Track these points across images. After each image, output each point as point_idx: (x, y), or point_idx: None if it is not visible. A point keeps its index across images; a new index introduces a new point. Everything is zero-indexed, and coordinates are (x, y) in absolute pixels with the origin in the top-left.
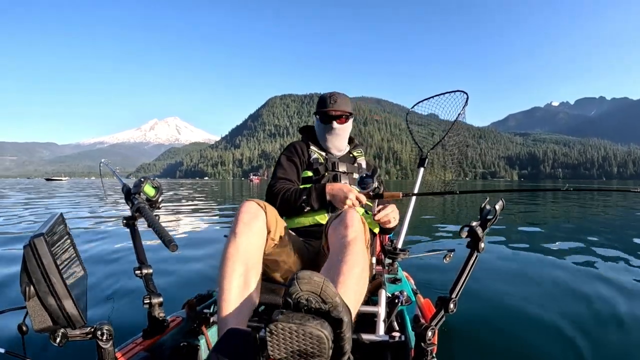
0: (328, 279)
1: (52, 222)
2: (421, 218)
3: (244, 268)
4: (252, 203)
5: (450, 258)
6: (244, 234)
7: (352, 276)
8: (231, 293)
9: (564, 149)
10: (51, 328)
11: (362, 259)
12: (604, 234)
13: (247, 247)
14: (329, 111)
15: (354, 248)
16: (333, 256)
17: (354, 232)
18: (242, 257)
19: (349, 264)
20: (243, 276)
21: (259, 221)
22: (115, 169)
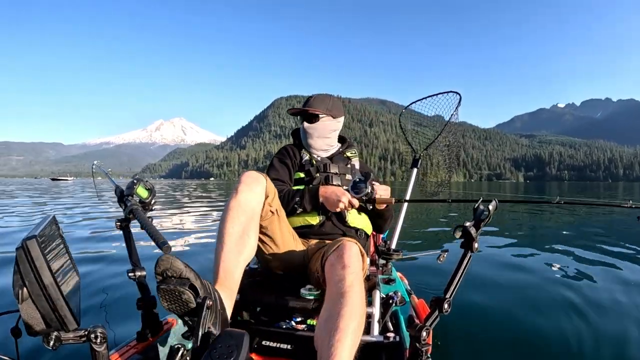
0: (324, 330)
1: (44, 224)
2: (415, 218)
3: (245, 218)
4: (252, 171)
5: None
6: (244, 191)
7: (348, 330)
8: (232, 237)
9: (570, 150)
10: (44, 331)
11: (359, 308)
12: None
13: (247, 202)
14: (301, 111)
15: (351, 296)
16: (330, 304)
17: (352, 273)
18: (242, 209)
19: (345, 318)
20: (243, 225)
21: (260, 184)
22: (107, 170)
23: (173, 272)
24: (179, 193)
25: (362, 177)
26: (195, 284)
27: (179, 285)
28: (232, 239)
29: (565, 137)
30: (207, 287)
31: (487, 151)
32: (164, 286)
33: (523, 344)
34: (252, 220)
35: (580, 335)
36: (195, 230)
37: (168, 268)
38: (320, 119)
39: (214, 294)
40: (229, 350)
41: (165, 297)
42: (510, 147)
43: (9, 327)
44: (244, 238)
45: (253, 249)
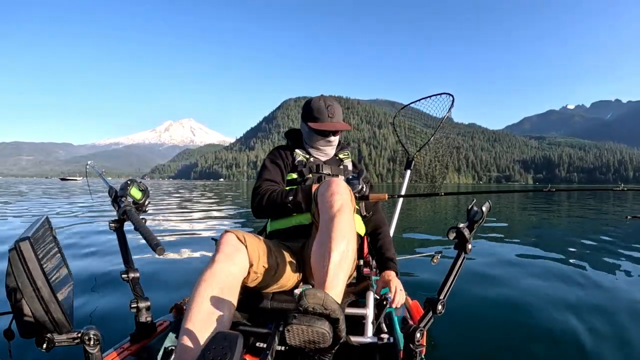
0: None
1: (37, 225)
2: (409, 220)
3: (218, 291)
4: (232, 235)
5: (438, 259)
6: (222, 262)
7: (338, 252)
8: (198, 315)
9: (579, 152)
10: (38, 333)
11: (348, 230)
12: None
13: (224, 274)
14: (329, 126)
15: (340, 220)
16: (321, 230)
17: (340, 199)
18: (217, 281)
19: (335, 241)
20: (215, 299)
21: (241, 254)
22: (101, 170)
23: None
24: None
25: (355, 174)
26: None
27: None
28: (199, 317)
29: (574, 139)
30: None
31: (496, 153)
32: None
33: (518, 345)
34: (228, 294)
35: (578, 336)
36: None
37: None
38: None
39: None
40: (222, 352)
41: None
42: (520, 149)
43: (2, 329)
44: (212, 316)
45: (225, 323)
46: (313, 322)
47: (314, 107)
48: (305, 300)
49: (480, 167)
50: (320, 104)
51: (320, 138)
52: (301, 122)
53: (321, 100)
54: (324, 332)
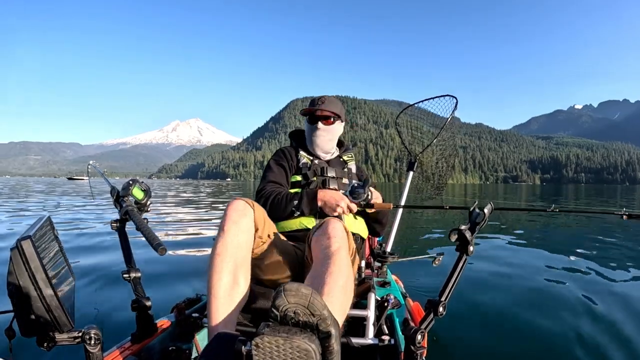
0: None
1: (39, 224)
2: (410, 221)
3: (233, 265)
4: (240, 201)
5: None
6: (232, 231)
7: (336, 287)
8: (220, 290)
9: (587, 152)
10: (39, 332)
11: (346, 269)
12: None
13: (235, 244)
14: (315, 111)
15: (338, 258)
16: (317, 267)
17: (337, 242)
18: (230, 254)
19: (333, 275)
20: (232, 273)
21: (247, 219)
22: (103, 170)
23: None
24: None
25: (360, 183)
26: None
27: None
28: (221, 292)
29: (582, 139)
30: None
31: (503, 153)
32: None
33: (520, 347)
34: (243, 263)
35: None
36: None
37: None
38: (335, 121)
39: None
40: (222, 353)
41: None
42: (527, 149)
43: (3, 327)
44: (234, 288)
45: (245, 293)
46: (292, 334)
47: (310, 101)
48: (283, 299)
49: (487, 167)
50: (319, 97)
51: (311, 125)
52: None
53: (322, 96)
54: (308, 349)
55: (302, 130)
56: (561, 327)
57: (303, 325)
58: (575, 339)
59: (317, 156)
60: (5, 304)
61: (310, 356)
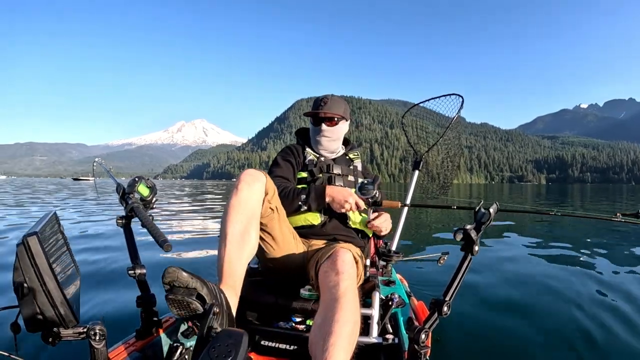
0: (318, 335)
1: (45, 220)
2: (415, 220)
3: (246, 217)
4: (251, 169)
5: (444, 261)
6: (245, 189)
7: (342, 337)
8: (234, 235)
9: (592, 152)
10: (44, 327)
11: (353, 313)
12: None
13: (248, 200)
14: (319, 113)
15: (346, 301)
16: (324, 310)
17: (346, 279)
18: (243, 208)
19: (340, 323)
20: (244, 223)
21: (260, 183)
22: (109, 168)
23: (180, 284)
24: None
25: (370, 180)
26: (202, 293)
27: (186, 295)
28: (234, 239)
29: (588, 139)
30: (213, 291)
31: (508, 152)
32: (172, 296)
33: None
34: (253, 218)
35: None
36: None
37: (175, 279)
38: (339, 122)
39: (220, 297)
40: (227, 350)
41: (175, 306)
42: (532, 149)
43: (9, 322)
44: (245, 237)
45: (254, 246)
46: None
47: (314, 102)
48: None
49: (492, 167)
50: (322, 97)
51: (315, 127)
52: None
53: (327, 96)
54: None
55: (308, 128)
56: (566, 327)
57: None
58: (581, 340)
59: (320, 154)
60: (11, 299)
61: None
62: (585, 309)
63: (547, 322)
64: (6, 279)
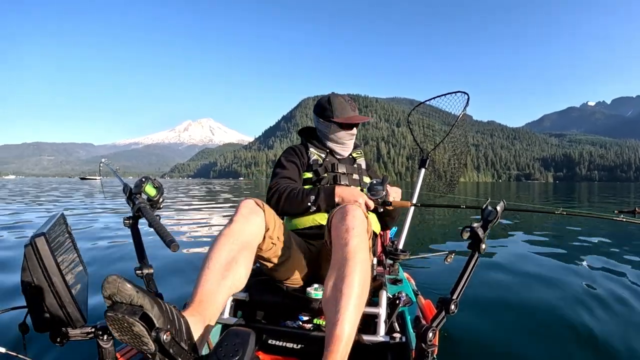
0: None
1: (53, 221)
2: (422, 219)
3: (236, 246)
4: (251, 200)
5: (451, 259)
6: (240, 222)
7: (353, 296)
8: (216, 263)
9: (600, 150)
10: (52, 327)
11: (363, 273)
12: None
13: (241, 231)
14: (355, 119)
15: (356, 262)
16: (335, 270)
17: (356, 236)
18: (235, 238)
19: (350, 284)
20: (232, 252)
21: (258, 216)
22: (115, 168)
23: (122, 298)
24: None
25: (379, 180)
26: (150, 313)
27: (128, 314)
28: (216, 266)
29: (595, 137)
30: (168, 313)
31: (515, 151)
32: (111, 313)
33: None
34: (245, 249)
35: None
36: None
37: (115, 293)
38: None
39: (179, 322)
40: (234, 349)
41: (114, 326)
42: (540, 147)
43: (17, 323)
44: (231, 265)
45: (241, 279)
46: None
47: (334, 104)
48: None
49: (499, 165)
50: (340, 99)
51: (346, 132)
52: (319, 120)
53: (339, 97)
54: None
55: (311, 127)
56: (575, 325)
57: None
58: (590, 339)
59: (336, 153)
60: (20, 299)
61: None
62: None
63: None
64: (14, 280)
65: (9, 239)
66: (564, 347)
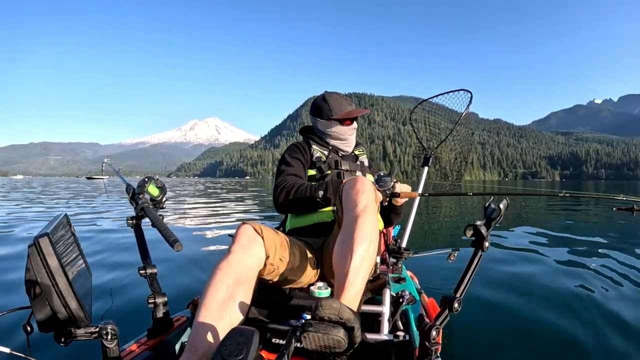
0: (339, 253)
1: (56, 222)
2: (426, 218)
3: (233, 281)
4: (249, 227)
5: (455, 257)
6: (238, 253)
7: (360, 253)
8: (213, 302)
9: (607, 148)
10: (56, 328)
11: (371, 231)
12: None
13: (240, 264)
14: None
15: (364, 220)
16: (344, 229)
17: (364, 198)
18: (233, 271)
19: (358, 242)
20: (230, 288)
21: (257, 245)
22: (118, 168)
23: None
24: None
25: (386, 172)
26: None
27: None
28: (214, 304)
29: (602, 134)
30: None
31: (522, 149)
32: None
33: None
34: (243, 284)
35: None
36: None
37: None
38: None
39: None
40: (238, 347)
41: None
42: (546, 145)
43: (22, 323)
44: (228, 304)
45: (239, 316)
46: (329, 330)
47: (331, 101)
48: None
49: (506, 164)
50: (335, 96)
51: (347, 127)
52: (317, 121)
53: (333, 94)
54: (340, 339)
55: (312, 126)
56: (577, 325)
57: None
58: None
59: (338, 150)
60: (24, 300)
61: (340, 342)
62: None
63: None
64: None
65: None
66: (569, 346)
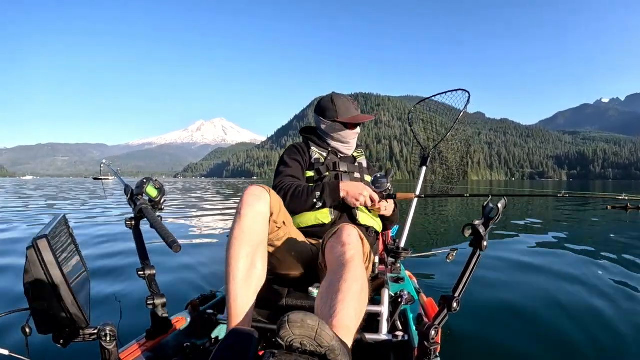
0: (325, 295)
1: (55, 223)
2: (424, 218)
3: (250, 248)
4: (256, 186)
5: (453, 257)
6: (248, 215)
7: (350, 293)
8: (239, 273)
9: (614, 147)
10: (55, 329)
11: (361, 275)
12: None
13: (252, 228)
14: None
15: (352, 265)
16: (331, 274)
17: (352, 249)
18: (248, 238)
19: (348, 282)
20: (250, 256)
21: (263, 202)
22: (116, 169)
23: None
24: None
25: (383, 173)
26: None
27: None
28: (240, 276)
29: (609, 134)
30: None
31: (529, 149)
32: None
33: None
34: (259, 246)
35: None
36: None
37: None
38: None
39: None
40: (237, 348)
41: None
42: (553, 144)
43: (20, 325)
44: (251, 271)
45: (262, 276)
46: None
47: (338, 103)
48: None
49: (513, 164)
50: (343, 99)
51: (351, 131)
52: (321, 120)
53: (341, 97)
54: None
55: (313, 127)
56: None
57: (310, 354)
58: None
59: (338, 152)
60: (22, 302)
61: None
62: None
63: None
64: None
65: None
66: (568, 346)
